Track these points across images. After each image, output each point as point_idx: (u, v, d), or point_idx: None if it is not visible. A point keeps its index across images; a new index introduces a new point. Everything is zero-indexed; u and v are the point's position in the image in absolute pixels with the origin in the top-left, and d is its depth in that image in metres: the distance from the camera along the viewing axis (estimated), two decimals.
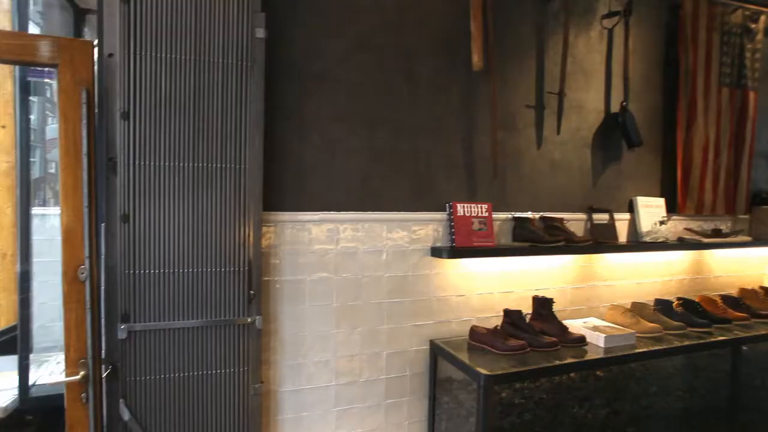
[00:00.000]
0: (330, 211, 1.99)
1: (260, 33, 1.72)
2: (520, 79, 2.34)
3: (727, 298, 2.86)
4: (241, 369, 1.75)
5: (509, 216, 2.29)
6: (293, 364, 1.95)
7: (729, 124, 2.96)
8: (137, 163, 1.58)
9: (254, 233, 1.76)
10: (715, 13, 2.82)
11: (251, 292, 1.76)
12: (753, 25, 2.96)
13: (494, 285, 2.30)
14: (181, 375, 1.67)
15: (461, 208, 2.12)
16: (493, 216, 2.22)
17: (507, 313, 2.11)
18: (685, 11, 2.73)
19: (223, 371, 1.73)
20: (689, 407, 2.33)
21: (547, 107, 2.39)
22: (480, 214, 2.15)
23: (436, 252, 2.12)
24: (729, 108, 2.95)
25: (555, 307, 2.30)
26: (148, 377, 1.62)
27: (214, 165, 1.70)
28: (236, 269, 1.74)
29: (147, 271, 1.61)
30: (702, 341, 2.31)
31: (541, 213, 2.36)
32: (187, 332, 1.67)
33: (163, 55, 1.59)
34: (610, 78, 2.59)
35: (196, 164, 1.67)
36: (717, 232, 2.85)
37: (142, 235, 1.59)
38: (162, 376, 1.64)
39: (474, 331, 2.09)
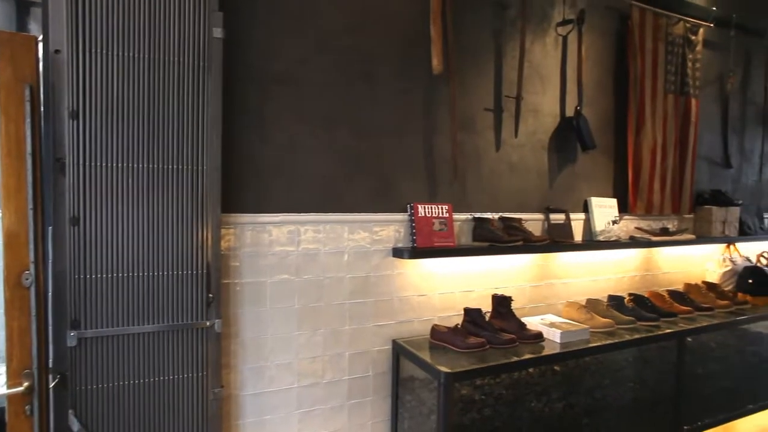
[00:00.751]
0: (291, 212, 1.98)
1: (218, 33, 1.69)
2: (478, 83, 2.40)
3: (673, 293, 3.02)
4: (200, 374, 1.71)
5: (469, 216, 2.34)
6: (255, 367, 1.93)
7: (674, 129, 3.13)
8: (88, 163, 1.52)
9: (213, 235, 1.73)
10: (660, 24, 2.97)
11: (210, 295, 1.73)
12: (693, 37, 3.15)
13: (455, 284, 2.35)
14: (136, 382, 1.62)
15: (422, 209, 2.15)
16: (454, 216, 2.27)
17: (467, 311, 2.16)
18: (633, 21, 2.87)
19: (180, 377, 1.69)
20: (639, 397, 2.44)
21: (505, 110, 2.46)
22: (441, 215, 2.18)
23: (397, 252, 2.14)
24: (674, 113, 3.11)
25: (514, 305, 2.37)
26: (100, 386, 1.56)
27: (170, 166, 1.66)
28: (194, 272, 1.71)
29: (99, 276, 1.55)
30: (650, 334, 2.44)
31: (501, 213, 2.43)
32: (142, 338, 1.63)
33: (115, 52, 1.54)
34: (565, 83, 2.69)
35: (151, 165, 1.63)
36: (665, 231, 3.01)
37: (93, 239, 1.54)
38: (115, 384, 1.58)
39: (435, 330, 2.12)
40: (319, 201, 2.04)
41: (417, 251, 2.09)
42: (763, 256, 3.52)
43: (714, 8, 3.25)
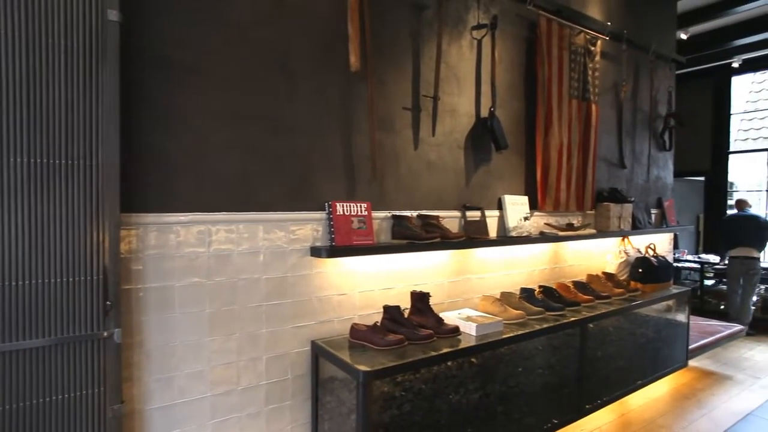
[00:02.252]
0: (201, 212, 1.87)
1: (113, 15, 1.55)
2: (397, 82, 2.42)
3: (577, 284, 3.27)
4: (96, 390, 1.56)
5: (388, 214, 2.36)
6: (162, 378, 1.80)
7: (578, 132, 3.38)
8: None
9: (110, 237, 1.59)
10: (564, 34, 3.20)
11: (108, 302, 1.58)
12: (592, 48, 3.42)
13: (375, 282, 2.35)
14: (18, 406, 1.44)
15: (341, 207, 2.13)
16: (373, 215, 2.27)
17: (386, 309, 2.17)
18: (540, 30, 3.05)
19: (73, 395, 1.53)
20: (547, 382, 2.61)
21: (422, 110, 2.51)
22: (359, 213, 2.18)
23: (315, 252, 2.10)
24: (577, 117, 3.36)
25: (433, 301, 2.43)
26: None
27: (57, 161, 1.49)
28: (88, 278, 1.55)
29: None
30: (557, 323, 2.61)
31: (419, 211, 2.47)
32: (25, 354, 1.45)
33: None
34: (479, 85, 2.80)
35: (32, 160, 1.45)
36: (570, 226, 3.24)
37: None
38: None
39: (354, 329, 2.11)
40: (232, 199, 1.94)
41: (335, 250, 2.06)
42: (650, 248, 3.91)
43: (609, 23, 3.55)
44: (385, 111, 2.37)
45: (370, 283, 2.34)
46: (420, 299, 2.27)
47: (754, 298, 5.36)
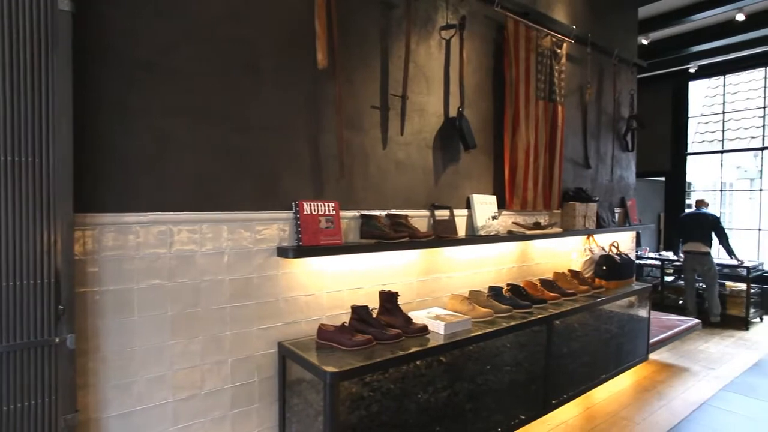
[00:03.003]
0: (162, 211, 1.81)
1: (64, 5, 1.48)
2: (365, 80, 2.41)
3: (544, 282, 3.33)
4: (48, 399, 1.49)
5: (356, 214, 2.34)
6: (120, 384, 1.73)
7: (544, 132, 3.44)
8: None
9: (63, 238, 1.52)
10: (531, 36, 3.25)
11: (60, 307, 1.51)
12: (558, 50, 3.49)
13: (344, 282, 2.33)
14: None
15: (308, 207, 2.10)
16: (341, 214, 2.25)
17: (354, 309, 2.16)
18: (508, 31, 3.09)
19: (21, 405, 1.45)
20: (515, 379, 2.65)
21: (391, 109, 2.50)
22: (327, 213, 2.15)
23: (282, 252, 2.07)
24: (544, 118, 3.43)
25: (402, 300, 2.43)
26: None
27: (1, 158, 1.41)
28: (39, 281, 1.48)
29: None
30: (524, 321, 2.66)
31: (388, 210, 2.47)
32: None
33: None
34: (448, 84, 2.81)
35: None
36: (537, 225, 3.30)
37: None
38: None
39: (322, 330, 2.09)
40: (195, 199, 1.89)
41: (303, 250, 2.03)
42: (613, 246, 4.03)
43: (574, 27, 3.63)
44: (353, 109, 2.35)
45: (339, 284, 2.32)
46: (388, 299, 2.26)
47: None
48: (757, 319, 5.77)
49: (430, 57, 2.72)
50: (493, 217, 3.02)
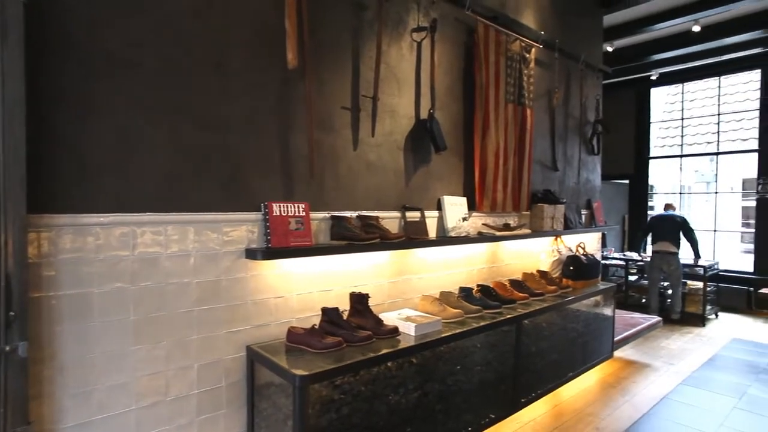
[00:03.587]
0: (124, 212, 1.75)
1: None
2: (336, 81, 2.39)
3: (513, 282, 3.38)
4: None
5: (327, 215, 2.32)
6: (78, 394, 1.66)
7: (514, 135, 3.50)
8: None
9: (14, 240, 1.44)
10: (500, 40, 3.31)
11: (11, 313, 1.43)
12: (527, 55, 3.57)
13: (314, 284, 2.31)
14: None
15: (277, 208, 2.07)
16: (311, 215, 2.22)
17: (324, 311, 2.14)
18: (478, 35, 3.14)
19: None
20: (484, 379, 2.68)
21: (362, 110, 2.49)
22: (297, 214, 2.13)
23: (250, 254, 2.03)
24: (513, 121, 3.49)
25: (373, 302, 2.42)
26: None
27: None
28: None
29: None
30: (494, 321, 2.69)
31: (358, 212, 2.46)
32: None
33: None
34: (419, 86, 2.82)
35: None
36: (507, 227, 3.35)
37: None
38: None
39: (291, 332, 2.06)
40: (161, 200, 1.83)
41: (272, 252, 2.00)
42: (580, 246, 4.14)
43: (542, 32, 3.72)
44: (323, 110, 2.33)
45: (309, 285, 2.29)
46: (359, 300, 2.25)
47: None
48: (713, 316, 6.05)
49: (401, 59, 2.73)
50: (464, 219, 3.05)
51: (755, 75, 6.69)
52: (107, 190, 1.71)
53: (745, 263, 6.86)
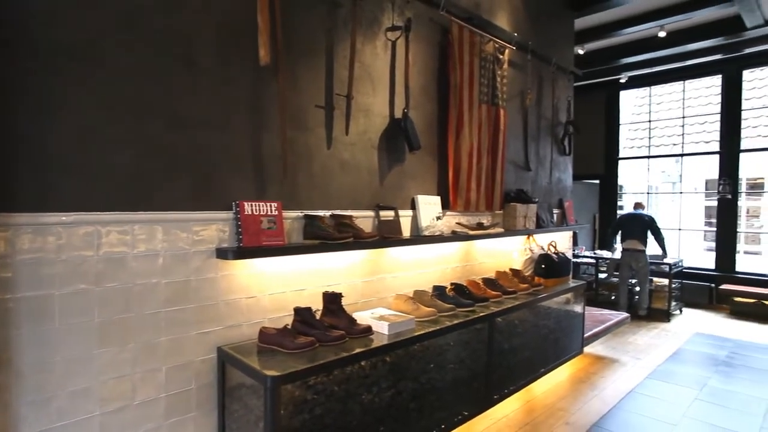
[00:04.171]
0: (88, 211, 1.69)
1: None
2: (309, 79, 2.37)
3: (486, 281, 3.43)
4: None
5: (300, 214, 2.30)
6: (36, 401, 1.60)
7: (487, 135, 3.54)
8: None
9: None
10: (474, 41, 3.34)
11: None
12: (501, 56, 3.61)
13: (287, 284, 2.29)
14: None
15: (249, 207, 2.04)
16: (284, 214, 2.20)
17: (297, 311, 2.12)
18: (453, 35, 3.16)
19: None
20: (458, 376, 2.71)
21: (336, 108, 2.48)
22: (269, 213, 2.10)
23: (221, 253, 1.99)
24: (487, 121, 3.53)
25: (347, 301, 2.41)
26: None
27: None
28: None
29: None
30: (467, 319, 2.72)
31: (332, 211, 2.44)
32: None
33: None
34: (394, 86, 2.83)
35: None
36: (480, 225, 3.39)
37: None
38: None
39: (263, 333, 2.03)
40: (127, 198, 1.78)
41: (243, 251, 1.97)
42: (552, 245, 4.22)
43: (516, 34, 3.77)
44: (297, 108, 2.31)
45: (281, 285, 2.27)
46: (332, 300, 2.24)
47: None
48: (678, 311, 6.27)
49: (375, 58, 2.72)
50: (438, 218, 3.07)
51: (717, 80, 6.96)
52: (70, 188, 1.65)
53: (708, 260, 7.14)
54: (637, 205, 6.20)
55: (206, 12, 1.98)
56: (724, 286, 6.42)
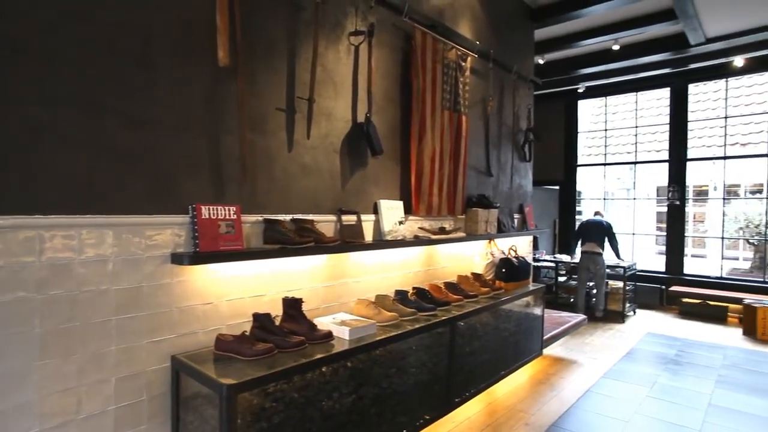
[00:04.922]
0: (28, 214, 1.60)
1: None
2: (270, 82, 2.34)
3: (448, 285, 3.46)
4: None
5: (260, 218, 2.26)
6: None
7: (449, 141, 3.59)
8: None
9: None
10: (437, 48, 3.39)
11: None
12: (463, 63, 3.68)
13: (245, 289, 2.24)
14: None
15: (206, 211, 1.99)
16: (243, 218, 2.15)
17: (256, 317, 2.07)
18: (416, 42, 3.19)
19: None
20: (419, 380, 2.72)
21: (297, 112, 2.45)
22: (228, 217, 2.05)
23: (177, 258, 1.93)
24: (449, 127, 3.58)
25: (308, 306, 2.38)
26: None
27: None
28: None
29: None
30: (428, 323, 2.73)
31: (293, 215, 2.41)
32: None
33: None
34: (356, 90, 2.83)
35: None
36: (442, 230, 3.43)
37: None
38: None
39: (220, 340, 1.98)
40: (73, 201, 1.70)
41: (200, 256, 1.91)
42: (512, 249, 4.32)
43: (478, 42, 3.85)
44: (257, 111, 2.27)
45: (240, 291, 2.22)
46: (292, 305, 2.21)
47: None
48: (632, 313, 6.54)
49: (338, 62, 2.72)
50: (400, 222, 3.09)
51: (666, 92, 7.34)
52: (9, 189, 1.56)
53: (659, 263, 7.48)
54: (597, 213, 6.54)
55: (163, 9, 1.92)
56: (673, 288, 6.74)
